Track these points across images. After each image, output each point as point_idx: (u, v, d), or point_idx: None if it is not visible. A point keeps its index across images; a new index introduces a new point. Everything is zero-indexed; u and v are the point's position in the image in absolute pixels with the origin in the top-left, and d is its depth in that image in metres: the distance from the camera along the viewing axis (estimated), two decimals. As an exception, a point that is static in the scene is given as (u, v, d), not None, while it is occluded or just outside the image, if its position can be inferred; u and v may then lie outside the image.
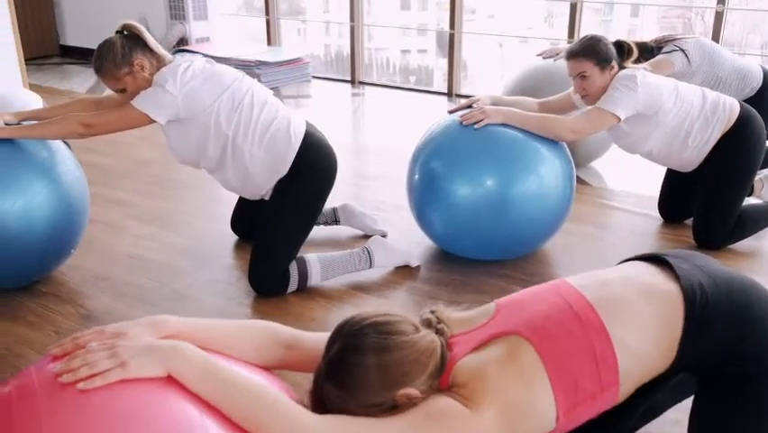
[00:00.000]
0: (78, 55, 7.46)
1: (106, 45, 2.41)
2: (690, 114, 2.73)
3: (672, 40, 3.36)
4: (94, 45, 2.58)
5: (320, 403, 1.25)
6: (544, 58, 3.80)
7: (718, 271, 1.45)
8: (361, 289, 2.60)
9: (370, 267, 2.65)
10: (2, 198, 2.32)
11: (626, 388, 1.34)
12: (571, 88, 2.85)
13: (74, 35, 7.54)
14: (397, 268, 2.73)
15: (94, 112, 2.45)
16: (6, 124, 2.41)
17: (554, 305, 1.37)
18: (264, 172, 2.50)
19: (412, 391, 1.22)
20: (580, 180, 2.89)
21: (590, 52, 2.68)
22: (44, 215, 2.41)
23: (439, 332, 1.32)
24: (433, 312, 1.37)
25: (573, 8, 5.22)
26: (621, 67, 2.73)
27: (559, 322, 1.33)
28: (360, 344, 1.23)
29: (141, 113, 2.33)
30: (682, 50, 3.28)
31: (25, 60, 4.82)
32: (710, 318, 1.36)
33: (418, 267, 2.74)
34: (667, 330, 1.35)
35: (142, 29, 2.44)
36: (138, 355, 1.11)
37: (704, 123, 2.75)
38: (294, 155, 2.47)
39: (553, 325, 1.33)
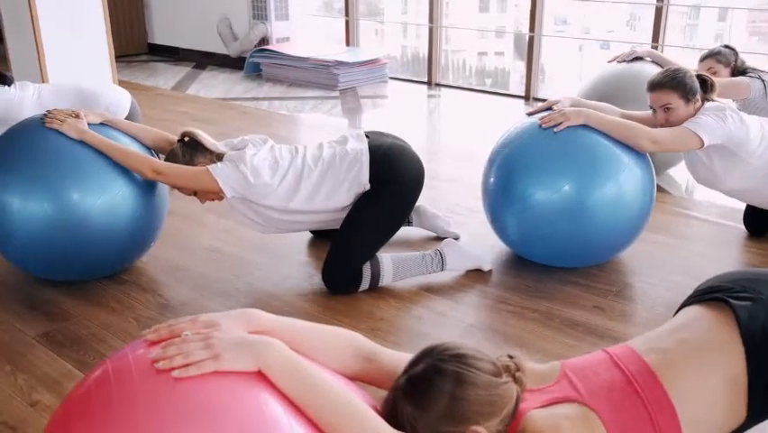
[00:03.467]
0: (165, 53, 7.73)
1: (169, 157, 2.53)
2: None
3: (756, 69, 3.33)
4: (180, 44, 2.67)
5: (392, 416, 1.25)
6: (618, 62, 3.71)
7: None
8: (431, 291, 2.60)
9: (442, 269, 2.64)
10: (87, 194, 2.42)
11: None
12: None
13: (161, 34, 7.82)
14: (469, 271, 2.71)
15: (165, 161, 2.53)
16: (90, 125, 2.52)
17: (618, 376, 1.37)
18: (349, 199, 2.54)
19: (482, 430, 1.21)
20: (658, 188, 2.81)
21: (677, 85, 2.61)
22: (126, 210, 2.50)
23: (517, 381, 1.32)
24: (512, 358, 1.36)
25: (658, 12, 5.07)
26: (705, 100, 2.65)
27: (623, 394, 1.34)
28: (444, 369, 1.23)
29: (212, 180, 2.42)
30: (762, 80, 3.22)
31: (115, 58, 5.03)
32: None
33: (490, 271, 2.72)
34: (733, 392, 1.34)
35: (199, 133, 2.55)
36: (231, 349, 1.13)
37: None
38: (367, 173, 2.51)
39: (617, 397, 1.33)
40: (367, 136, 2.64)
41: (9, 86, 3.30)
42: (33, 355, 2.19)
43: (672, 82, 2.61)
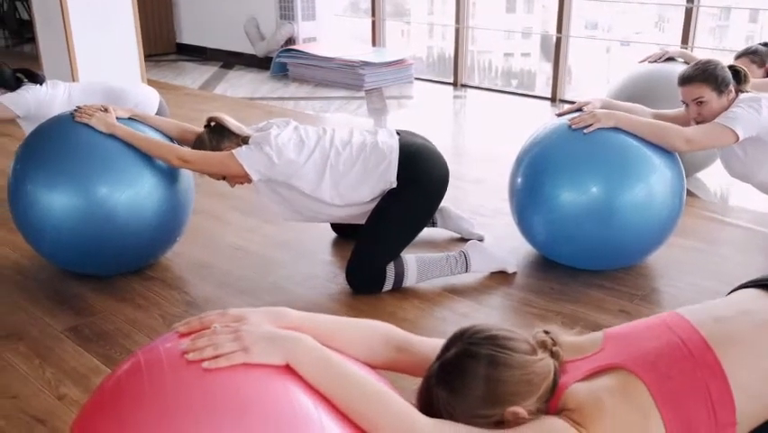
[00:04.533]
0: (193, 53, 7.79)
1: (197, 143, 2.57)
2: None
3: None
4: (207, 44, 2.71)
5: (427, 404, 1.25)
6: (650, 62, 3.67)
7: None
8: (455, 292, 2.59)
9: (466, 271, 2.63)
10: (114, 188, 2.46)
11: (742, 429, 1.27)
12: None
13: (189, 34, 7.89)
14: (493, 273, 2.70)
15: (192, 149, 2.55)
16: (118, 120, 2.56)
17: (667, 342, 1.32)
18: (374, 194, 2.54)
19: (520, 410, 1.20)
20: (687, 192, 2.77)
21: (708, 77, 2.57)
22: (152, 204, 2.53)
23: (554, 355, 1.29)
24: (547, 333, 1.34)
25: (688, 13, 5.01)
26: (739, 91, 2.61)
27: (671, 360, 1.28)
28: (476, 352, 1.22)
29: (238, 164, 2.44)
30: None
31: (144, 57, 5.08)
32: None
33: (515, 273, 2.70)
34: None
35: (224, 117, 2.57)
36: (260, 342, 1.14)
37: None
38: (395, 170, 2.51)
39: (665, 363, 1.28)
40: (398, 134, 2.64)
41: (41, 84, 3.35)
42: (61, 350, 2.22)
43: (702, 75, 2.58)
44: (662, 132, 2.51)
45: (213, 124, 2.59)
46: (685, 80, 2.62)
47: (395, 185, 2.51)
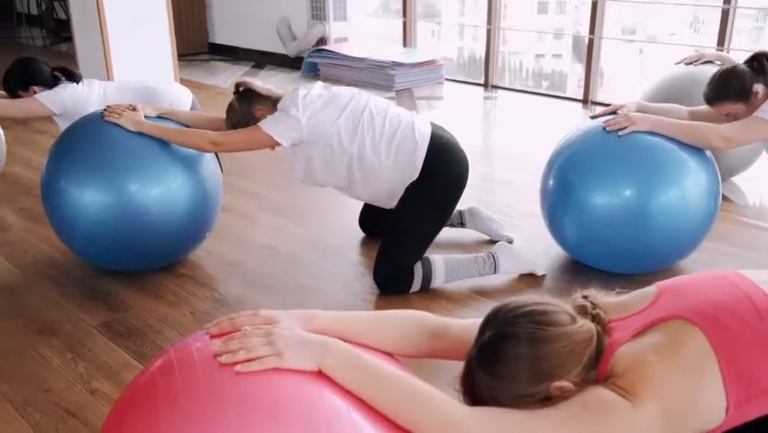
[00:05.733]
0: (225, 53, 7.86)
1: (229, 110, 2.60)
2: None
3: None
4: (240, 44, 2.75)
5: (471, 389, 1.23)
6: (686, 64, 3.61)
7: None
8: (483, 294, 2.58)
9: (495, 273, 2.62)
10: (144, 184, 2.50)
11: None
12: None
13: (222, 34, 7.96)
14: (522, 275, 2.68)
15: (222, 131, 2.59)
16: (146, 118, 2.60)
17: (729, 294, 1.26)
18: (395, 179, 2.54)
19: (566, 384, 1.17)
20: (723, 197, 2.73)
21: (725, 95, 2.55)
22: (181, 200, 2.56)
23: (595, 319, 1.25)
24: (586, 297, 1.30)
25: (725, 14, 4.92)
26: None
27: (734, 311, 1.22)
28: (514, 332, 1.18)
29: (266, 135, 2.46)
30: None
31: (178, 57, 5.14)
32: None
33: (543, 276, 2.69)
34: None
35: (252, 82, 2.60)
36: (293, 347, 1.14)
37: None
38: (422, 159, 2.50)
39: (726, 313, 1.22)
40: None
41: (77, 83, 3.40)
42: (93, 344, 2.26)
43: (720, 94, 2.56)
44: (699, 132, 2.48)
45: (241, 89, 2.60)
46: (708, 102, 2.61)
47: (416, 176, 2.50)
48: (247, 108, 2.55)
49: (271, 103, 2.55)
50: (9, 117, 3.61)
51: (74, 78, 3.42)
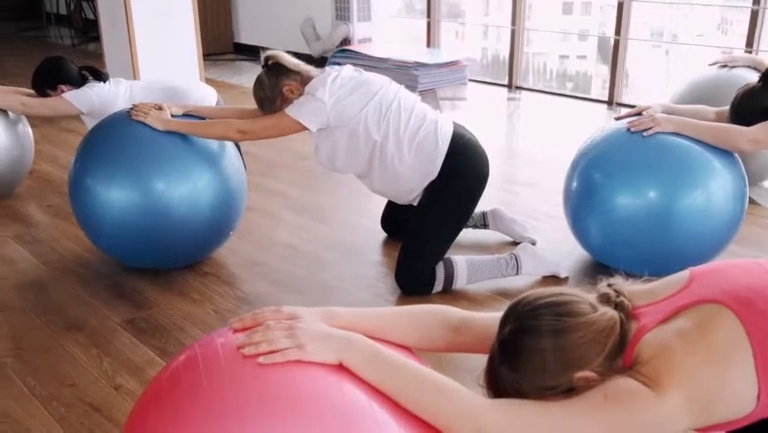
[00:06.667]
0: (250, 52, 7.91)
1: (256, 83, 2.58)
2: None
3: None
4: (264, 44, 2.75)
5: (494, 384, 1.23)
6: (719, 67, 3.56)
7: None
8: (505, 295, 2.57)
9: (517, 274, 2.61)
10: (170, 183, 2.52)
11: None
12: None
13: (247, 34, 8.01)
14: (545, 277, 2.67)
15: (249, 119, 2.59)
16: (172, 116, 2.62)
17: (765, 280, 1.24)
18: (413, 176, 2.53)
19: (589, 373, 1.16)
20: (750, 200, 2.69)
21: (744, 115, 2.50)
22: (206, 199, 2.58)
23: (618, 306, 1.23)
24: (610, 285, 1.29)
25: (754, 15, 4.86)
26: None
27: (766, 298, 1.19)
28: (534, 325, 1.18)
29: (293, 120, 2.45)
30: None
31: (203, 56, 5.18)
32: None
33: (566, 278, 2.67)
34: None
35: (281, 55, 2.57)
36: (315, 340, 1.15)
37: None
38: (442, 158, 2.50)
39: (762, 298, 1.19)
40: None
41: (104, 82, 3.45)
42: (118, 341, 2.29)
43: (740, 117, 2.51)
44: (725, 134, 2.45)
45: (270, 62, 2.59)
46: (731, 121, 2.56)
47: (437, 171, 2.50)
48: (276, 82, 2.53)
49: (300, 79, 2.54)
50: (38, 116, 3.67)
51: (101, 77, 3.46)
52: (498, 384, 1.22)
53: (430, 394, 1.14)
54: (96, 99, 3.36)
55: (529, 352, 1.18)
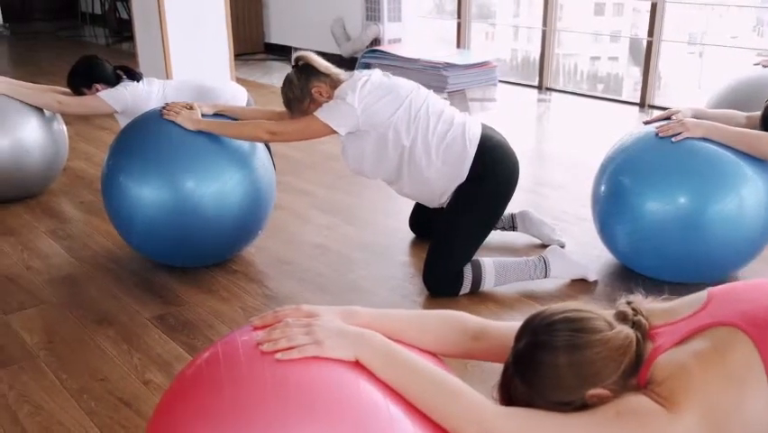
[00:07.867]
0: (280, 52, 7.96)
1: (285, 83, 2.59)
2: None
3: None
4: (294, 44, 2.77)
5: (507, 394, 1.23)
6: (764, 66, 3.49)
7: None
8: (533, 298, 2.56)
9: (545, 277, 2.59)
10: (200, 182, 2.55)
11: None
12: None
13: (277, 34, 8.06)
14: (573, 281, 2.65)
15: (279, 121, 2.61)
16: (203, 115, 2.65)
17: None
18: (441, 179, 2.54)
19: (603, 391, 1.15)
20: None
21: None
22: (235, 198, 2.61)
23: (635, 325, 1.22)
24: (629, 303, 1.28)
25: (791, 17, 4.76)
26: None
27: None
28: (549, 341, 1.18)
29: (322, 123, 2.46)
30: None
31: (234, 56, 5.23)
32: None
33: (595, 282, 2.65)
34: None
35: (312, 56, 2.59)
36: (332, 337, 1.18)
37: None
38: (470, 162, 2.50)
39: None
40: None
41: (138, 81, 3.50)
42: (148, 337, 2.32)
43: (765, 126, 2.46)
44: (755, 141, 2.41)
45: (300, 63, 2.61)
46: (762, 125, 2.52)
47: (465, 175, 2.49)
48: (305, 83, 2.55)
49: (330, 81, 2.55)
50: (73, 114, 3.74)
51: (135, 76, 3.51)
52: (512, 397, 1.22)
53: (442, 396, 1.15)
54: (130, 98, 3.41)
55: (544, 367, 1.18)
